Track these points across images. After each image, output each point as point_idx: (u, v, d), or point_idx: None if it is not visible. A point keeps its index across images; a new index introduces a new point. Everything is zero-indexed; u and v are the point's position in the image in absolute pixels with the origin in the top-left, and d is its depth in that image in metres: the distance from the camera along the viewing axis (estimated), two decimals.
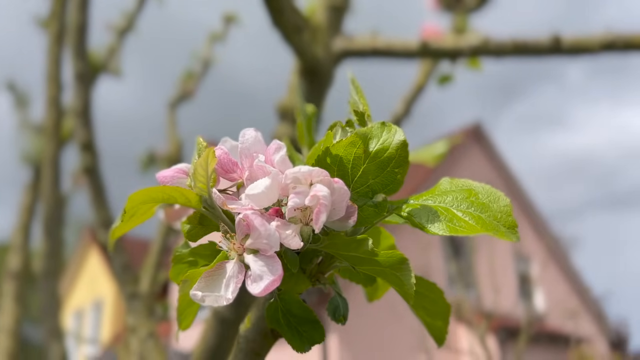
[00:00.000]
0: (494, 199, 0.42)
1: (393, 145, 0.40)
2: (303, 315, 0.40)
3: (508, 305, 9.42)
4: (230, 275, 0.36)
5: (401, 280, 0.39)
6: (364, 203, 0.41)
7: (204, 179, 0.38)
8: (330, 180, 0.37)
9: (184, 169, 0.41)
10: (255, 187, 0.36)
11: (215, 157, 0.38)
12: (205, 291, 0.36)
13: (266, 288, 0.35)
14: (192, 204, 0.39)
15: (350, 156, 0.40)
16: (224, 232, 0.38)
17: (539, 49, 1.28)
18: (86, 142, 1.75)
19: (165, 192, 0.38)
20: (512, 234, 0.40)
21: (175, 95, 3.37)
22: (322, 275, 0.44)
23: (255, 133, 0.41)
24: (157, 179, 0.41)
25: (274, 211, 0.38)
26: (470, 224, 0.40)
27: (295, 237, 0.36)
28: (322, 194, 0.36)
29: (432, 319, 0.48)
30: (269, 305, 0.41)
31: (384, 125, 0.41)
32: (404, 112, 2.12)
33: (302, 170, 0.36)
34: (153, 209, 0.40)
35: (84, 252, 13.40)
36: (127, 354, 2.80)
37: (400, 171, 0.40)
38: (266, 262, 0.36)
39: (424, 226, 0.41)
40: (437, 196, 0.43)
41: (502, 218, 0.41)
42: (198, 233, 0.42)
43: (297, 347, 0.41)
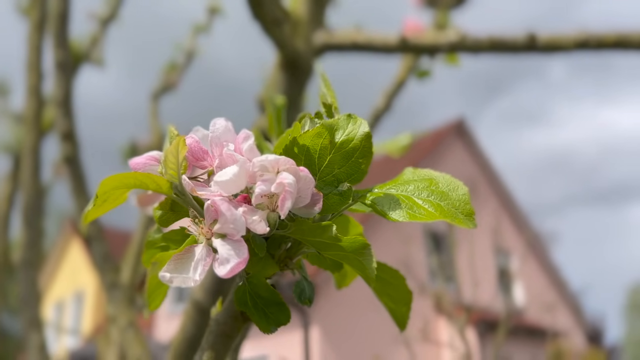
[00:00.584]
0: (453, 187, 0.44)
1: (358, 137, 0.42)
2: (270, 298, 0.42)
3: (488, 298, 9.54)
4: (199, 259, 0.38)
5: (363, 265, 0.41)
6: (330, 191, 0.43)
7: (175, 166, 0.40)
8: (296, 168, 0.39)
9: (156, 156, 0.42)
10: (223, 174, 0.38)
11: (186, 145, 0.40)
12: (174, 273, 0.37)
13: (232, 270, 0.36)
14: (163, 190, 0.40)
15: (317, 146, 0.42)
16: (193, 217, 0.39)
17: (515, 46, 1.30)
18: (67, 132, 1.75)
19: (136, 178, 0.39)
20: (470, 221, 0.42)
21: (158, 87, 3.36)
22: (290, 260, 0.46)
23: (225, 122, 0.42)
24: (130, 165, 0.42)
25: (242, 198, 0.40)
26: (430, 211, 0.42)
27: (261, 223, 0.38)
28: (288, 182, 0.37)
29: (396, 305, 0.50)
30: (238, 288, 0.43)
31: (349, 117, 0.42)
32: (385, 107, 2.14)
33: (269, 159, 0.38)
34: (125, 194, 0.41)
35: (65, 243, 13.29)
36: (107, 344, 2.80)
37: (364, 161, 0.42)
38: (233, 245, 0.37)
39: (385, 213, 0.43)
40: (399, 185, 0.45)
41: (460, 206, 0.43)
42: (169, 219, 0.43)
43: (263, 328, 0.42)
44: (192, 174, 0.43)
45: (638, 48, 1.26)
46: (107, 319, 2.57)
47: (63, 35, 1.85)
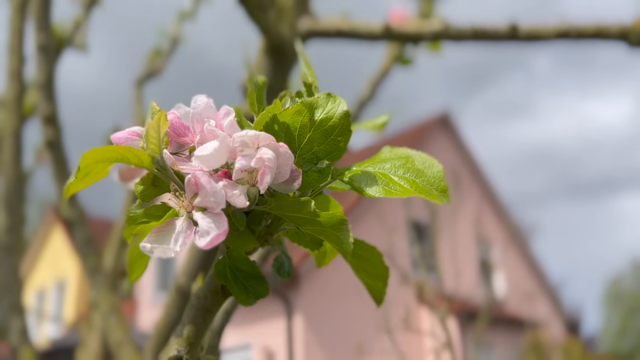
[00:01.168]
0: (428, 165, 0.45)
1: (337, 115, 0.43)
2: (249, 271, 0.43)
3: (469, 288, 9.66)
4: (180, 231, 0.39)
5: (340, 240, 0.42)
6: (309, 169, 0.44)
7: (156, 141, 0.40)
8: (275, 144, 0.40)
9: (138, 131, 0.43)
10: (204, 149, 0.39)
11: (168, 120, 0.41)
12: (155, 243, 0.38)
13: (212, 241, 0.37)
14: (144, 164, 0.41)
15: (297, 124, 0.43)
16: (174, 190, 0.40)
17: (497, 36, 1.32)
18: (49, 116, 1.74)
19: (118, 152, 0.40)
20: (443, 196, 0.44)
21: (143, 73, 3.33)
22: (270, 236, 0.47)
23: (206, 99, 0.43)
24: (112, 139, 0.43)
25: (223, 173, 0.40)
26: (405, 187, 0.44)
27: (241, 197, 0.38)
28: (268, 157, 0.38)
29: (373, 281, 0.52)
30: (218, 262, 0.44)
31: (329, 96, 0.43)
32: (370, 94, 2.15)
33: (249, 134, 0.39)
34: (107, 168, 0.42)
35: (47, 230, 13.15)
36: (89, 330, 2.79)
37: (343, 139, 0.43)
38: (213, 218, 0.38)
39: (362, 190, 0.44)
40: (377, 163, 0.46)
41: (435, 182, 0.44)
42: (151, 194, 0.44)
43: (243, 300, 0.43)
44: (174, 151, 0.44)
45: (616, 39, 1.29)
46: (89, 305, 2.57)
47: (45, 18, 1.82)
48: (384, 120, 0.48)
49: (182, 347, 0.48)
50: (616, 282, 19.40)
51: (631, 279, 19.28)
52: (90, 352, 2.65)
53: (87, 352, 2.70)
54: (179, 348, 0.48)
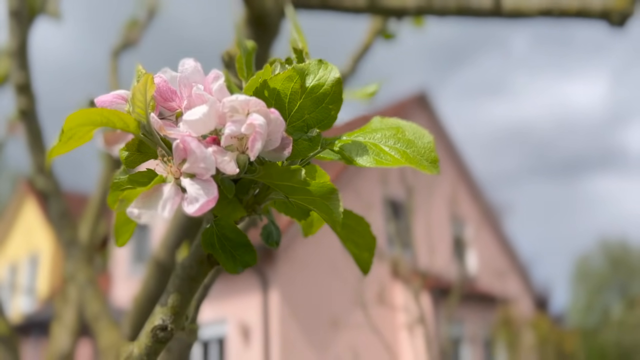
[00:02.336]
0: (419, 135, 0.45)
1: (328, 82, 0.42)
2: (237, 240, 0.43)
3: (442, 265, 9.81)
4: (167, 197, 0.38)
5: (330, 209, 0.42)
6: (299, 137, 0.43)
7: (143, 105, 0.39)
8: (266, 110, 0.39)
9: (123, 94, 0.42)
10: (192, 114, 0.38)
11: (154, 83, 0.39)
12: (142, 209, 0.37)
13: (201, 208, 0.36)
14: (130, 128, 0.40)
15: (288, 90, 0.42)
16: (162, 156, 0.39)
17: (480, 12, 1.31)
18: (22, 85, 1.69)
19: (103, 115, 0.39)
20: (434, 167, 0.44)
21: (118, 43, 3.25)
22: (257, 205, 0.46)
23: (194, 63, 0.42)
24: (96, 103, 0.41)
25: (211, 139, 0.39)
26: (396, 157, 0.43)
27: (231, 163, 0.38)
28: (258, 123, 0.37)
29: (360, 251, 0.51)
30: (205, 230, 0.43)
31: (320, 62, 0.42)
32: (351, 69, 2.14)
33: (239, 99, 0.38)
34: (91, 132, 0.40)
35: (20, 203, 12.91)
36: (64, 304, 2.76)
37: (334, 107, 0.43)
38: (202, 185, 0.37)
39: (353, 159, 0.43)
40: (367, 133, 0.45)
41: (425, 153, 0.44)
42: (136, 160, 0.43)
43: (230, 269, 0.43)
44: (160, 116, 0.43)
45: (598, 18, 1.29)
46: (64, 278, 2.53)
47: None
48: (373, 90, 0.47)
49: (167, 317, 0.48)
50: (584, 261, 19.91)
51: (598, 258, 19.81)
52: (65, 326, 2.62)
53: (62, 325, 2.68)
54: (163, 317, 0.48)
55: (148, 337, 0.48)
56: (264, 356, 7.86)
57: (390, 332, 8.58)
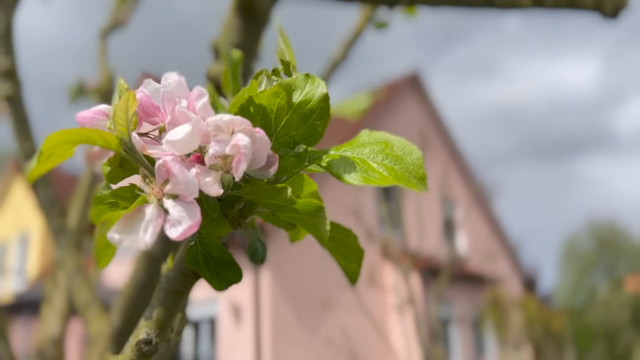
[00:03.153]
0: (407, 151, 0.44)
1: (315, 98, 0.41)
2: (221, 258, 0.42)
3: (433, 246, 9.89)
4: (149, 219, 0.37)
5: (317, 227, 0.41)
6: (286, 153, 0.42)
7: (124, 122, 0.38)
8: (252, 129, 0.38)
9: (104, 110, 0.40)
10: (175, 134, 0.37)
11: (136, 100, 0.38)
12: (123, 234, 0.36)
13: (184, 233, 0.36)
14: (111, 146, 0.39)
15: (274, 106, 0.41)
16: (144, 176, 0.38)
17: (473, 2, 1.30)
18: (8, 70, 1.65)
19: (84, 134, 0.37)
20: (422, 185, 0.43)
21: (107, 24, 3.20)
22: (243, 220, 0.46)
23: (178, 77, 0.40)
24: (77, 119, 0.40)
25: (195, 157, 0.39)
26: (384, 175, 0.43)
27: (214, 185, 0.37)
28: (243, 143, 0.36)
29: (347, 262, 0.51)
30: (189, 247, 0.42)
31: (307, 77, 0.41)
32: (342, 56, 2.12)
33: (224, 119, 0.37)
34: (72, 149, 0.39)
35: (8, 183, 12.81)
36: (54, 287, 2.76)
37: (321, 123, 0.42)
38: (185, 207, 0.36)
39: (340, 176, 0.43)
40: (355, 148, 0.45)
41: (413, 170, 0.43)
42: (119, 175, 0.42)
43: (216, 286, 0.42)
44: (143, 130, 0.42)
45: (591, 9, 1.28)
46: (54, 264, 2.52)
47: None
48: (363, 106, 0.47)
49: (152, 330, 0.47)
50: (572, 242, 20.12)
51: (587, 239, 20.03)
52: (55, 309, 2.62)
53: (52, 309, 2.67)
54: (148, 331, 0.47)
55: (133, 351, 0.47)
56: (255, 336, 7.93)
57: (380, 313, 8.67)
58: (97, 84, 3.08)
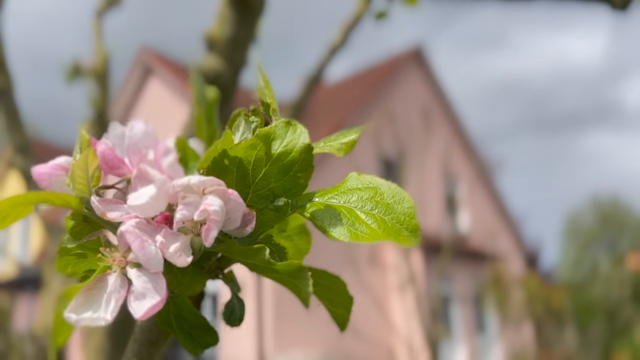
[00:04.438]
0: (398, 199, 0.40)
1: (297, 149, 0.37)
2: (195, 321, 0.39)
3: (435, 223, 9.89)
4: (112, 290, 0.34)
5: (299, 288, 0.38)
6: (265, 206, 0.38)
7: (84, 181, 0.35)
8: (224, 190, 0.34)
9: (64, 164, 0.37)
10: (138, 197, 0.33)
11: (96, 157, 0.35)
12: (82, 308, 0.33)
13: (147, 312, 0.32)
14: (71, 206, 0.35)
15: (251, 157, 0.37)
16: (105, 243, 0.35)
17: None
18: None
19: (40, 197, 0.34)
20: (414, 237, 0.40)
21: (102, 3, 3.13)
22: (221, 271, 0.42)
23: (144, 127, 0.37)
24: (33, 175, 0.36)
25: (163, 218, 0.35)
26: (373, 228, 0.39)
27: (181, 256, 0.33)
28: (213, 209, 0.33)
29: (336, 308, 0.48)
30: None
31: (288, 125, 0.38)
32: (342, 41, 2.06)
33: (192, 182, 0.33)
34: (30, 208, 0.36)
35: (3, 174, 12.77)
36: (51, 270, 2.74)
37: (303, 175, 0.38)
38: (150, 278, 0.33)
39: (326, 230, 0.39)
40: (342, 194, 0.41)
41: (405, 221, 0.40)
42: (83, 230, 0.38)
43: (190, 350, 0.39)
44: (109, 182, 0.38)
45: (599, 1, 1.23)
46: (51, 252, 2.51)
47: None
48: (351, 140, 0.43)
49: None
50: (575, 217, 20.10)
51: (589, 214, 20.00)
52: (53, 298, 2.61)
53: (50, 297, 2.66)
54: None
55: None
56: (257, 312, 7.99)
57: (382, 291, 8.71)
58: (93, 65, 3.03)
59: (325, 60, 2.13)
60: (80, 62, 3.34)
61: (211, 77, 1.29)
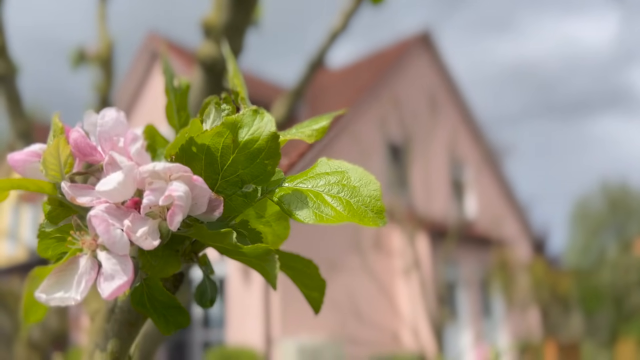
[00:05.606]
0: (365, 182, 0.42)
1: (263, 137, 0.38)
2: (167, 302, 0.40)
3: (442, 208, 9.88)
4: (82, 272, 0.35)
5: (267, 271, 0.39)
6: (234, 192, 0.40)
7: (57, 167, 0.36)
8: (189, 176, 0.35)
9: (38, 151, 0.38)
10: (107, 183, 0.35)
11: (68, 143, 0.36)
12: (53, 289, 0.35)
13: (114, 292, 0.34)
14: (45, 191, 0.37)
15: (219, 145, 0.39)
16: (77, 227, 0.36)
17: None
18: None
19: (14, 183, 0.35)
20: (380, 219, 0.41)
21: None
22: (195, 254, 0.44)
23: (116, 114, 0.38)
24: (8, 161, 0.38)
25: (132, 203, 0.36)
26: (338, 210, 0.40)
27: (147, 239, 0.35)
28: (178, 194, 0.34)
29: (310, 291, 0.50)
30: (135, 289, 0.41)
31: (256, 112, 0.39)
32: (342, 26, 2.06)
33: (157, 168, 0.35)
34: (6, 193, 0.37)
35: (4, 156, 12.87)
36: None
37: (270, 162, 0.39)
38: (119, 260, 0.35)
39: (292, 213, 0.41)
40: (310, 179, 0.42)
41: (370, 203, 0.41)
42: (59, 215, 0.40)
43: (163, 330, 0.41)
44: (83, 167, 0.39)
45: None
46: None
47: None
48: (321, 126, 0.44)
49: None
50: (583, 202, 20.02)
51: (598, 199, 19.90)
52: None
53: None
54: None
55: None
56: (264, 296, 8.06)
57: (387, 276, 8.75)
58: (97, 52, 3.04)
59: (326, 45, 2.13)
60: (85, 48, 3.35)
61: (208, 64, 1.30)
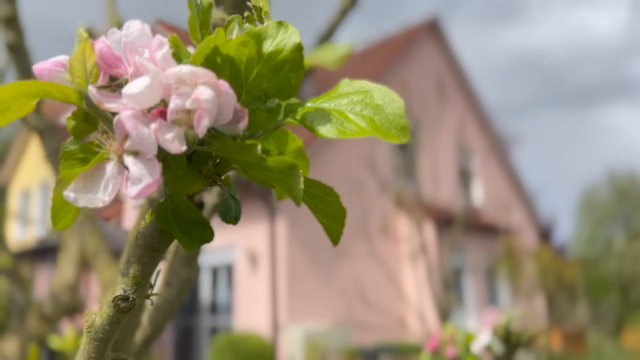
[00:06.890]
0: (388, 100, 0.41)
1: (287, 48, 0.38)
2: (191, 216, 0.41)
3: (448, 196, 9.87)
4: (109, 177, 0.35)
5: (290, 185, 0.39)
6: (258, 107, 0.40)
7: (82, 74, 0.36)
8: (215, 82, 0.35)
9: (64, 61, 0.38)
10: (133, 87, 0.35)
11: (94, 51, 0.36)
12: (81, 192, 0.35)
13: (141, 192, 0.34)
14: (71, 100, 0.37)
15: (243, 57, 0.38)
16: (103, 132, 0.36)
17: None
18: (9, 18, 1.63)
19: (40, 88, 0.35)
20: (403, 135, 0.41)
21: None
22: (218, 176, 0.44)
23: (140, 25, 0.38)
24: (34, 71, 0.38)
25: (158, 112, 0.36)
26: (361, 126, 0.40)
27: (175, 142, 0.35)
28: (204, 97, 0.34)
29: (329, 221, 0.49)
30: (159, 205, 0.41)
31: (280, 25, 0.39)
32: (352, 2, 2.05)
33: (184, 70, 0.35)
34: (32, 102, 0.37)
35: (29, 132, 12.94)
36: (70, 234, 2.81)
37: (294, 75, 0.39)
38: (146, 164, 0.35)
39: (314, 128, 0.41)
40: (333, 99, 0.42)
41: (394, 120, 0.41)
42: (84, 130, 0.40)
43: (186, 246, 0.41)
44: (107, 83, 0.39)
45: None
46: None
47: None
48: (343, 54, 0.43)
49: (129, 287, 0.47)
50: (591, 192, 19.93)
51: (605, 189, 19.82)
52: (69, 257, 2.68)
53: (67, 256, 2.73)
54: (125, 287, 0.47)
55: (110, 307, 0.47)
56: (271, 282, 8.10)
57: (394, 262, 8.76)
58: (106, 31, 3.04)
59: (336, 21, 2.12)
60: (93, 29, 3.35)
61: None
